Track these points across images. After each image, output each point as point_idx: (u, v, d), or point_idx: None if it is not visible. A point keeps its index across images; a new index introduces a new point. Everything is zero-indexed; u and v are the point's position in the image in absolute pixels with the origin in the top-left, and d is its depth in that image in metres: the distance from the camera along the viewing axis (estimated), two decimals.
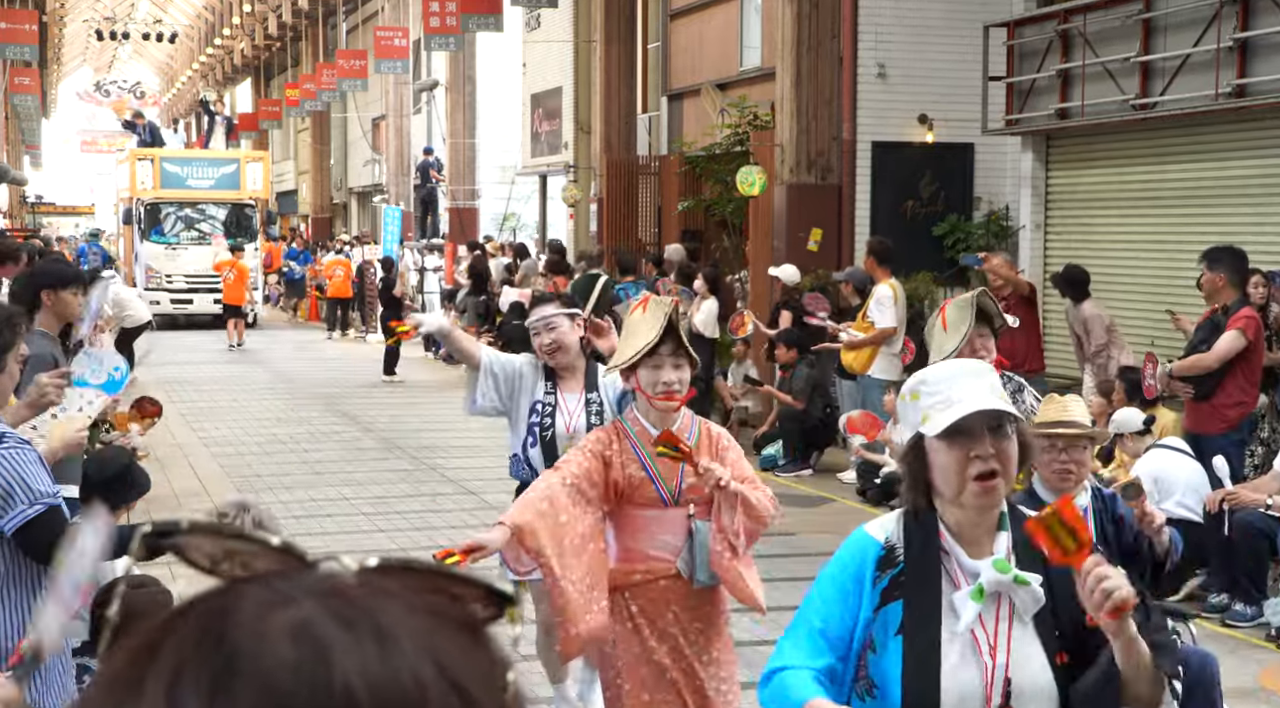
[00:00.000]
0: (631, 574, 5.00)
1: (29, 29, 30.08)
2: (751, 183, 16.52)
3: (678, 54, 22.91)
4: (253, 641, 0.75)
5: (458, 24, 25.61)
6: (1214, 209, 13.02)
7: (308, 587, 0.79)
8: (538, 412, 6.11)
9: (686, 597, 4.99)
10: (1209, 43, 12.22)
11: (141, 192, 31.86)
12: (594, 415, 6.05)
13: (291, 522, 11.16)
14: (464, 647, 0.80)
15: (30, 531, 4.01)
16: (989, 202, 16.41)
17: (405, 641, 0.77)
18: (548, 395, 6.12)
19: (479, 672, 0.79)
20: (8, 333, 4.39)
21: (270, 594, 0.78)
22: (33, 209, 56.69)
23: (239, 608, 0.77)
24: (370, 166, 41.05)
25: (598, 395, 6.12)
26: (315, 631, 0.75)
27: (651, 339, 4.83)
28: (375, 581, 0.82)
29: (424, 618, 0.79)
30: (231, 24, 50.41)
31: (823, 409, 13.75)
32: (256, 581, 0.81)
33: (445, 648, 0.78)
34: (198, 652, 0.75)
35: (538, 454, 6.07)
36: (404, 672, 0.75)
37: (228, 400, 18.85)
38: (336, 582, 0.80)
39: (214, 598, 0.79)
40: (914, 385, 3.11)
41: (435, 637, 0.78)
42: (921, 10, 16.11)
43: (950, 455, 2.98)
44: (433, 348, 25.15)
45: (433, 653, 0.77)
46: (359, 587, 0.80)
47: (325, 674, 0.74)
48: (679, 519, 4.98)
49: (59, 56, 59.57)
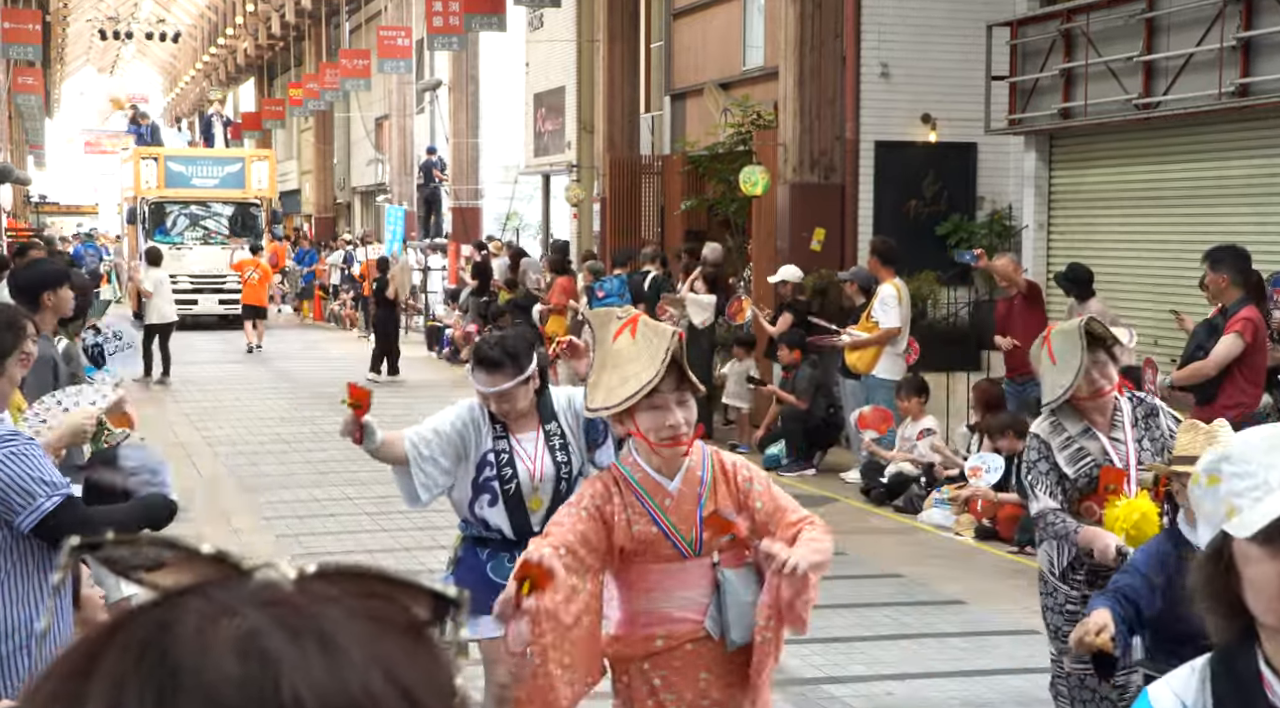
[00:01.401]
0: (650, 641, 4.22)
1: (33, 29, 30.12)
2: (754, 182, 16.52)
3: (681, 53, 22.90)
4: (196, 655, 0.73)
5: (461, 23, 25.63)
6: (1217, 209, 13.01)
7: (249, 597, 0.77)
8: (491, 463, 5.17)
9: (719, 661, 4.23)
10: (1212, 42, 12.21)
11: (146, 191, 31.60)
12: (559, 451, 5.19)
13: (295, 521, 11.18)
14: (410, 652, 0.78)
15: (52, 521, 4.03)
16: (992, 201, 16.41)
17: (352, 649, 0.75)
18: (499, 441, 5.19)
19: (426, 677, 0.77)
20: (9, 336, 4.40)
21: (211, 606, 0.76)
22: (36, 209, 56.71)
23: (180, 621, 0.75)
24: (373, 166, 41.06)
25: (556, 425, 5.24)
26: (260, 643, 0.73)
27: (651, 379, 4.05)
28: (316, 587, 0.79)
29: (368, 624, 0.77)
30: (235, 23, 50.45)
31: (826, 409, 13.75)
32: (195, 591, 0.78)
33: (392, 655, 0.76)
34: (139, 667, 0.73)
35: (499, 514, 5.18)
36: (353, 681, 0.73)
37: (231, 400, 18.86)
38: (278, 591, 0.78)
39: (153, 610, 0.77)
40: (1213, 465, 2.16)
41: (381, 643, 0.76)
42: (924, 9, 16.10)
43: (1275, 566, 2.05)
44: (436, 347, 25.16)
45: (380, 660, 0.75)
46: (301, 595, 0.78)
47: (272, 688, 0.72)
48: (702, 571, 4.23)
49: (62, 56, 59.61)
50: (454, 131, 33.51)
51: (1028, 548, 10.41)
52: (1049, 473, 5.40)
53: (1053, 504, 5.36)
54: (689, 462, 4.20)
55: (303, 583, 0.80)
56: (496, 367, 5.11)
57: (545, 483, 5.17)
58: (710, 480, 4.21)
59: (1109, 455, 5.39)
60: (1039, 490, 5.41)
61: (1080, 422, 5.43)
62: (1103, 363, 5.41)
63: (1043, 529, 5.46)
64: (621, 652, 4.25)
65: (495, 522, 5.19)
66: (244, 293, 26.56)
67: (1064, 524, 5.32)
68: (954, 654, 7.99)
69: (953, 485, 11.56)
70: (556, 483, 5.17)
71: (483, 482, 5.17)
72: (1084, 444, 5.41)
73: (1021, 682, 7.48)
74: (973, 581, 9.66)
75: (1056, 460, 5.40)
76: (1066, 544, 5.41)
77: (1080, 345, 5.34)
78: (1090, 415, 5.43)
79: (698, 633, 4.21)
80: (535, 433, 5.21)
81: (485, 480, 5.16)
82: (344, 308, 31.74)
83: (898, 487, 12.06)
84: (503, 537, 5.20)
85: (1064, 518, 5.34)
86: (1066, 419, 5.44)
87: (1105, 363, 5.42)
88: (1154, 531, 5.11)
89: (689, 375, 4.16)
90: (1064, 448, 5.41)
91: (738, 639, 4.18)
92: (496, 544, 5.21)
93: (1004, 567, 10.13)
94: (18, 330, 4.46)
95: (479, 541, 5.26)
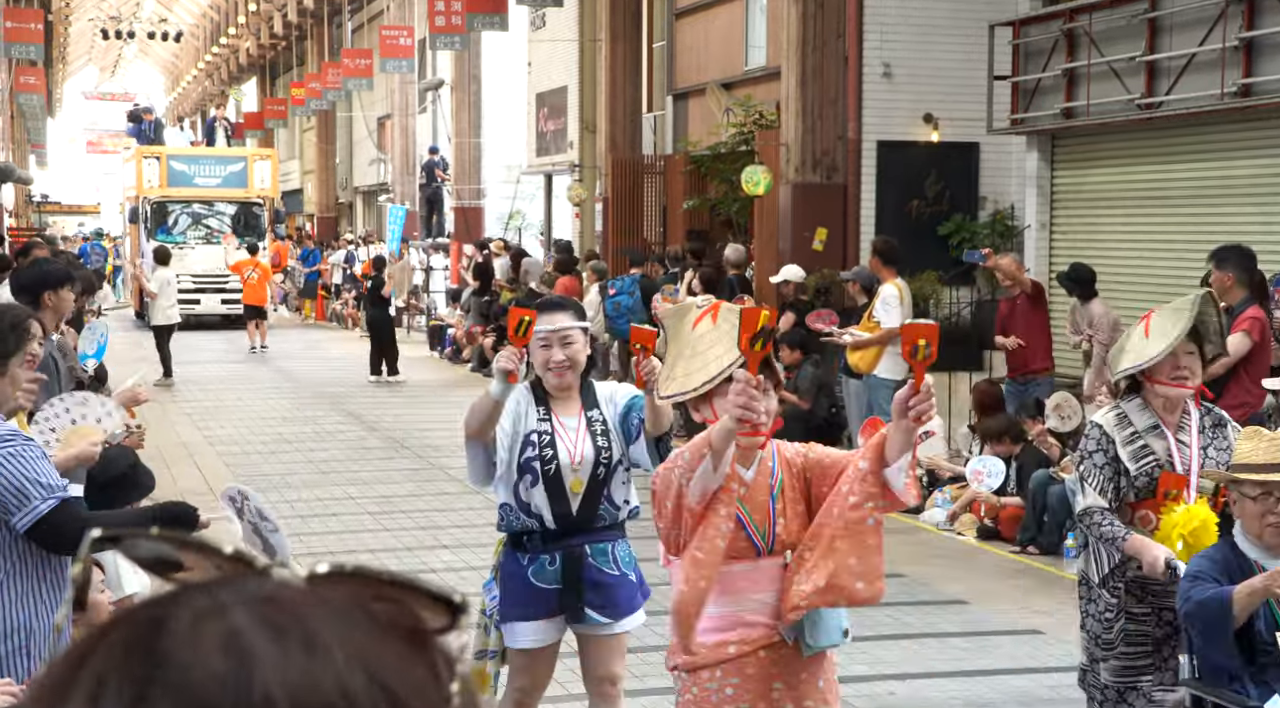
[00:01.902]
0: (723, 648, 4.02)
1: (35, 28, 30.13)
2: (756, 182, 16.53)
3: (683, 53, 22.90)
4: (181, 650, 0.74)
5: (463, 23, 25.64)
6: (1219, 208, 13.01)
7: (246, 595, 0.78)
8: (534, 443, 5.14)
9: (794, 669, 4.04)
10: (1214, 42, 12.21)
11: (148, 190, 31.37)
12: (599, 436, 5.17)
13: (297, 521, 11.17)
14: (402, 655, 0.78)
15: (46, 525, 4.02)
16: (994, 201, 16.41)
17: (336, 649, 0.75)
18: (542, 423, 5.17)
19: (415, 680, 0.77)
20: (13, 338, 4.38)
21: (207, 603, 0.77)
22: (38, 208, 56.75)
23: (172, 618, 0.76)
24: (376, 166, 41.07)
25: (599, 413, 5.22)
26: (243, 640, 0.74)
27: (732, 361, 3.89)
28: (320, 588, 0.80)
29: (362, 627, 0.78)
30: (237, 23, 50.50)
31: (828, 409, 13.76)
32: (198, 588, 0.79)
33: (380, 658, 0.77)
34: (125, 659, 0.75)
35: (540, 495, 5.16)
36: (329, 681, 0.74)
37: (233, 399, 18.86)
38: (275, 589, 0.79)
39: (150, 607, 0.78)
40: None
41: (371, 645, 0.77)
42: (927, 9, 16.10)
43: None
44: (438, 347, 25.15)
45: (365, 662, 0.76)
46: (298, 594, 0.79)
47: (247, 685, 0.73)
48: (774, 573, 4.04)
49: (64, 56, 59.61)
50: (456, 131, 33.52)
51: (1029, 548, 10.42)
52: (1105, 467, 5.11)
53: (1101, 502, 5.09)
54: (761, 453, 4.01)
55: (309, 583, 0.81)
56: (559, 308, 5.23)
57: (584, 466, 5.15)
58: (779, 472, 4.07)
59: (1172, 458, 5.09)
60: (1089, 485, 5.13)
61: (1150, 417, 5.13)
62: (1192, 353, 5.08)
63: (1086, 527, 5.18)
64: (691, 661, 4.03)
65: (536, 505, 5.15)
66: (244, 293, 26.31)
67: (1111, 527, 5.04)
68: (956, 654, 7.99)
69: (955, 485, 11.56)
70: (595, 467, 5.15)
71: (525, 462, 5.14)
72: (1150, 442, 5.11)
73: (1023, 682, 7.48)
74: (974, 581, 9.66)
75: (1119, 454, 5.10)
76: (1111, 549, 5.12)
77: (1188, 317, 5.00)
78: (1160, 412, 5.13)
79: (772, 638, 4.02)
80: (578, 417, 5.21)
81: (527, 460, 5.14)
82: (346, 307, 31.75)
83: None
84: (542, 526, 5.17)
85: (1112, 520, 5.06)
86: (1135, 413, 5.14)
87: (1195, 354, 5.09)
88: (1212, 541, 4.90)
89: (772, 363, 4.02)
90: (1128, 443, 5.11)
91: (816, 644, 4.01)
92: (536, 540, 5.18)
93: (1006, 567, 10.13)
94: (21, 331, 4.44)
95: (518, 542, 5.22)
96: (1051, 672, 7.67)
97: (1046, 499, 10.41)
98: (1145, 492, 5.11)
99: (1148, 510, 5.09)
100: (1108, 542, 5.08)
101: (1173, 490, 5.04)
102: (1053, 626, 8.61)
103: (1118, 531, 5.03)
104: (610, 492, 5.20)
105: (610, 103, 23.09)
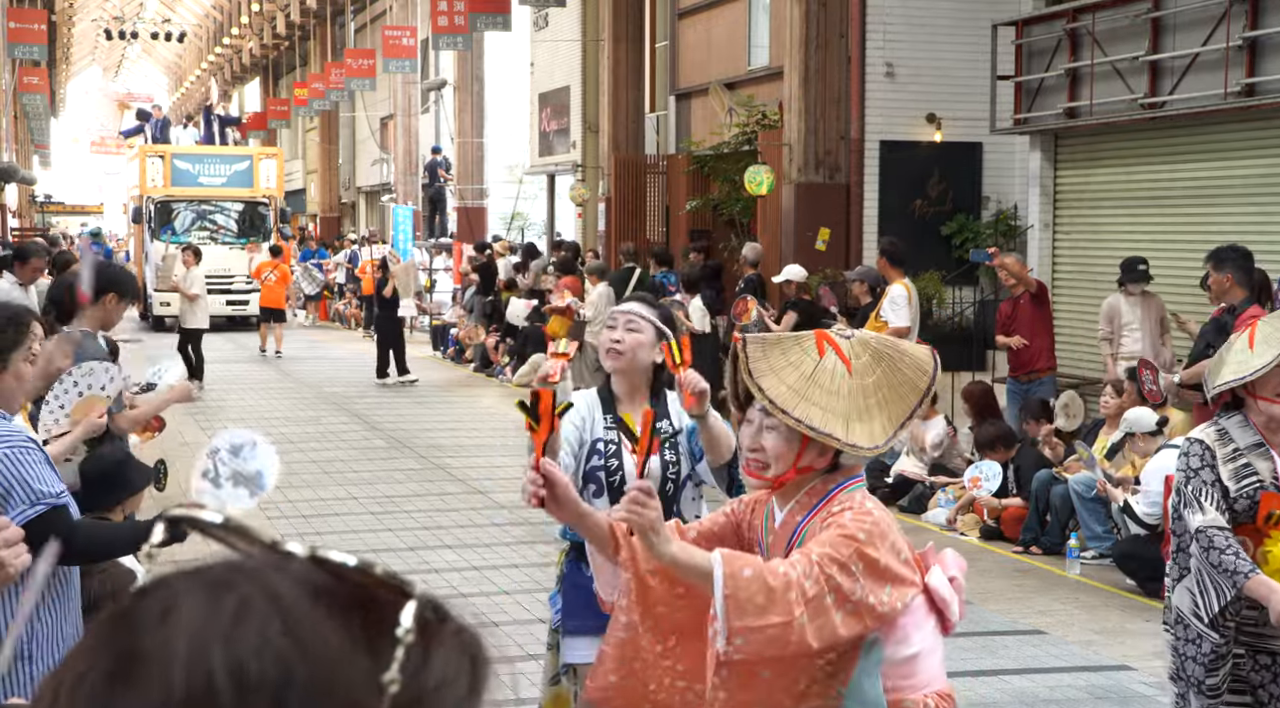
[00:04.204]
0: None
1: (38, 28, 30.18)
2: (759, 182, 16.53)
3: (686, 53, 22.90)
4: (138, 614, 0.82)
5: (466, 23, 25.63)
6: (1222, 209, 12.99)
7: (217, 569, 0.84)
8: (600, 452, 4.91)
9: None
10: (1218, 42, 12.20)
11: (152, 189, 31.03)
12: (667, 449, 4.87)
13: (299, 521, 11.18)
14: (340, 636, 0.82)
15: (32, 531, 3.99)
16: (997, 201, 16.40)
17: (270, 619, 0.81)
18: (609, 430, 4.93)
19: (338, 651, 0.81)
20: (12, 331, 4.36)
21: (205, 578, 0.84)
22: (41, 208, 56.82)
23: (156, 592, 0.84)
24: (378, 166, 41.09)
25: (669, 425, 4.93)
26: (179, 601, 0.82)
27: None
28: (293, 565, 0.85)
29: (308, 606, 0.82)
30: (240, 23, 50.54)
31: None
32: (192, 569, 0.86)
33: (315, 633, 0.81)
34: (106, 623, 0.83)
35: (604, 506, 4.77)
36: (249, 642, 0.79)
37: (236, 399, 18.86)
38: (244, 564, 0.85)
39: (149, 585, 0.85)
40: None
41: (309, 622, 0.81)
42: (930, 9, 16.10)
43: None
44: (441, 347, 25.15)
45: (294, 634, 0.80)
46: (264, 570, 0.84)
47: (165, 639, 0.80)
48: None
49: (68, 56, 59.70)
50: (459, 131, 33.52)
51: (1032, 548, 10.42)
52: (1215, 484, 4.60)
53: (1221, 520, 4.55)
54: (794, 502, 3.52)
55: (286, 559, 0.85)
56: (641, 300, 5.05)
57: (649, 479, 4.90)
58: (806, 530, 3.45)
59: (1279, 479, 4.63)
60: (1204, 500, 4.59)
61: (1252, 435, 4.66)
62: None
63: (1205, 549, 4.53)
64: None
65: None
66: (262, 294, 25.73)
67: (1236, 560, 4.47)
68: (959, 654, 7.98)
69: (957, 486, 11.57)
70: (663, 483, 4.84)
71: (590, 470, 4.93)
72: (1253, 461, 4.63)
73: (1026, 682, 7.47)
74: (978, 581, 9.64)
75: (1220, 473, 4.63)
76: (1228, 583, 4.49)
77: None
78: (1262, 430, 4.66)
79: None
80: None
81: (593, 469, 4.92)
82: (349, 308, 31.74)
83: (903, 487, 12.07)
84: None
85: (1237, 549, 4.50)
86: (1235, 429, 4.69)
87: None
88: None
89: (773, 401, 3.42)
90: (1230, 461, 4.65)
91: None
92: None
93: (1009, 567, 10.13)
94: (21, 326, 4.41)
95: (582, 551, 4.82)
96: (1053, 672, 7.67)
97: (1049, 499, 10.41)
98: (1244, 516, 4.63)
99: (1245, 538, 4.63)
100: (1226, 573, 4.49)
101: (1277, 512, 4.63)
102: (1055, 626, 8.61)
103: (1241, 564, 4.47)
104: (680, 508, 4.86)
105: (613, 103, 23.09)
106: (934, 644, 3.44)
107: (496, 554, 10.08)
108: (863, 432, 3.39)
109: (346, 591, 0.83)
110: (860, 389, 3.43)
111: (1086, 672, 7.70)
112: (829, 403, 3.39)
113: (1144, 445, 9.80)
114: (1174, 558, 4.76)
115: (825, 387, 3.41)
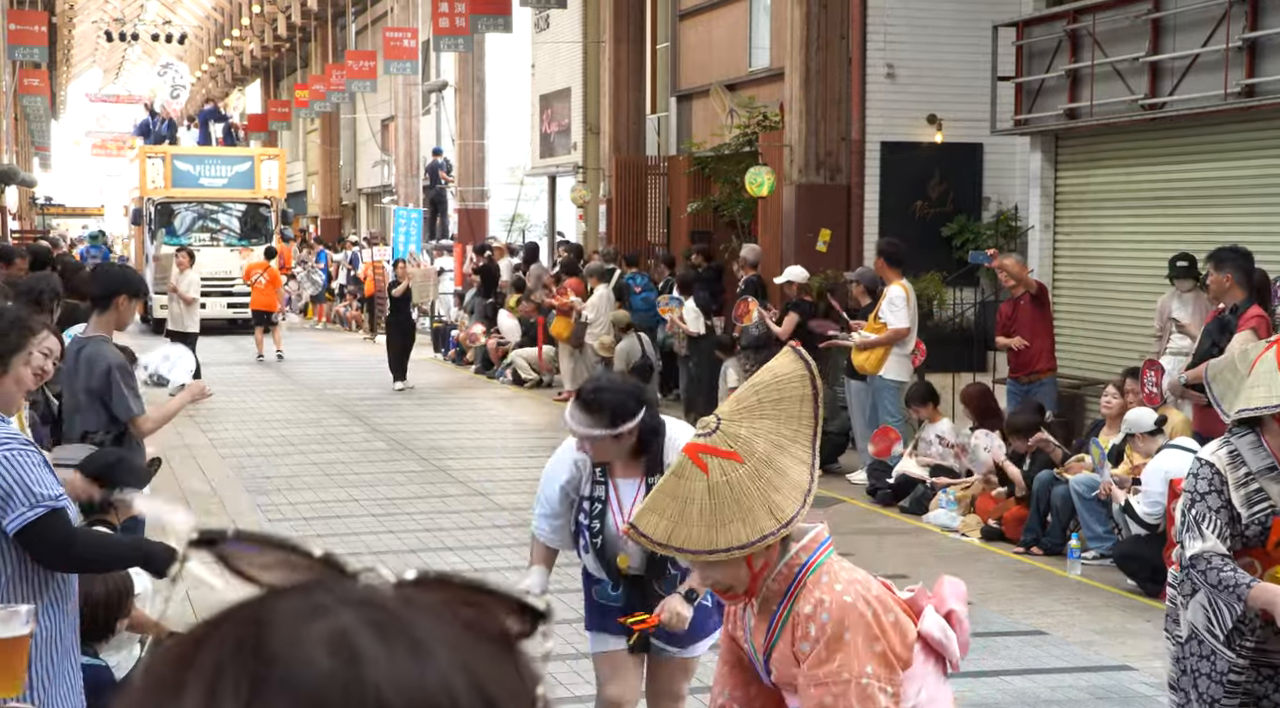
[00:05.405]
0: None
1: (39, 30, 30.19)
2: (760, 183, 16.53)
3: (686, 54, 22.89)
4: (289, 648, 0.76)
5: (467, 25, 25.63)
6: (1223, 209, 12.99)
7: (345, 597, 0.80)
8: (585, 511, 4.89)
9: None
10: (1218, 43, 12.19)
11: (152, 191, 30.89)
12: None
13: (300, 523, 11.18)
14: (495, 660, 0.81)
15: (31, 533, 3.99)
16: (998, 202, 16.40)
17: (439, 652, 0.78)
18: (597, 486, 4.88)
19: (509, 685, 0.80)
20: (15, 335, 4.37)
21: (308, 603, 0.79)
22: (42, 211, 56.82)
23: (277, 616, 0.79)
24: (379, 168, 41.08)
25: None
26: (351, 640, 0.77)
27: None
28: (411, 593, 0.83)
29: (457, 631, 0.81)
30: (241, 25, 50.54)
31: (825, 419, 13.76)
32: (296, 589, 0.82)
33: (477, 660, 0.79)
34: (236, 658, 0.77)
35: (592, 562, 4.93)
36: (436, 682, 0.76)
37: (237, 402, 18.86)
38: (373, 593, 0.82)
39: (253, 606, 0.81)
40: None
41: (468, 649, 0.80)
42: (930, 10, 16.10)
43: None
44: (442, 349, 25.15)
45: (465, 665, 0.78)
46: (395, 599, 0.82)
47: (358, 684, 0.75)
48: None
49: (68, 58, 59.73)
50: (460, 133, 33.52)
51: (1033, 549, 10.42)
52: (1221, 511, 4.54)
53: (1221, 548, 4.50)
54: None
55: (400, 589, 0.84)
56: (591, 411, 4.76)
57: (635, 557, 4.84)
58: (782, 622, 3.34)
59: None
60: (1206, 528, 4.53)
61: (1266, 458, 4.55)
62: None
63: (1202, 572, 4.51)
64: None
65: (591, 570, 4.99)
66: (252, 298, 25.31)
67: (1234, 574, 4.44)
68: None
69: (958, 486, 11.56)
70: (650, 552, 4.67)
71: (578, 526, 4.91)
72: (1265, 485, 4.54)
73: (1027, 683, 7.47)
74: (979, 581, 9.64)
75: (1231, 498, 4.55)
76: (1233, 599, 4.51)
77: None
78: (1276, 453, 4.55)
79: None
80: (638, 481, 4.82)
81: (580, 525, 4.91)
82: (350, 309, 31.72)
83: (904, 488, 12.06)
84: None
85: (1234, 566, 4.47)
86: (1248, 451, 4.56)
87: None
88: None
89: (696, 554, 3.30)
90: (1241, 486, 4.55)
91: None
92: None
93: (1010, 567, 10.13)
94: (22, 329, 4.41)
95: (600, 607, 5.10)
96: (1054, 673, 7.67)
97: (1050, 500, 10.41)
98: (1255, 541, 4.57)
99: (1254, 559, 4.57)
100: (1227, 590, 4.47)
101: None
102: (1056, 626, 8.61)
103: (1240, 576, 4.44)
104: (671, 565, 4.82)
105: (614, 104, 23.09)
106: (934, 693, 3.35)
107: (498, 556, 10.08)
108: (789, 494, 3.28)
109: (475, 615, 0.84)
110: (761, 460, 3.30)
111: (1088, 672, 7.70)
112: (743, 505, 3.24)
113: (1144, 445, 9.80)
114: (1185, 573, 4.69)
115: (729, 497, 3.25)
